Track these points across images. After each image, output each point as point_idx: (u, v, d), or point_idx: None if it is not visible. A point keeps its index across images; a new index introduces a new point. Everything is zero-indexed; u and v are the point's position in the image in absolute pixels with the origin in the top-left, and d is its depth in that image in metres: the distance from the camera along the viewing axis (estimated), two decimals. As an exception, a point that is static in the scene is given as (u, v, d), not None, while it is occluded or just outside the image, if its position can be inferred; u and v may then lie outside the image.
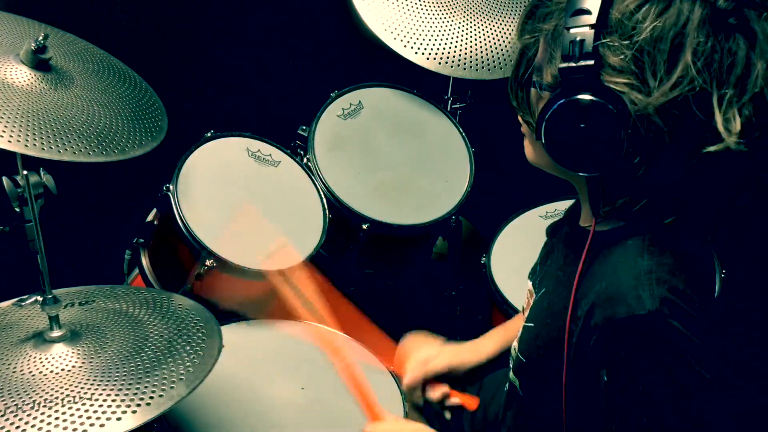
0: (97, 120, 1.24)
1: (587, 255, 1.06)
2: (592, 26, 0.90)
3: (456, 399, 1.45)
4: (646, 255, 1.00)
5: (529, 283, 1.29)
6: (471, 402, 1.45)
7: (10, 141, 1.10)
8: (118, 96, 1.35)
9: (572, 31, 0.92)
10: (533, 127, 1.05)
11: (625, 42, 0.90)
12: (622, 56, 0.90)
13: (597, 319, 0.98)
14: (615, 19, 0.91)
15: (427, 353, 1.46)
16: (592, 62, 0.91)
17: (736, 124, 0.89)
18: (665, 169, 0.95)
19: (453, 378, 1.45)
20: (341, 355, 1.37)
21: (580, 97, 0.92)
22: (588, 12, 0.91)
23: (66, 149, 1.15)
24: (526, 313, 1.25)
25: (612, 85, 0.91)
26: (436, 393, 1.44)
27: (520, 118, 1.12)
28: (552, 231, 1.31)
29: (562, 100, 0.94)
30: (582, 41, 0.91)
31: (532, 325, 1.17)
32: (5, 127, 1.12)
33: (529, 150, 1.13)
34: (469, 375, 1.46)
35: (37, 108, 1.18)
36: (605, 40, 0.91)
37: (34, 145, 1.12)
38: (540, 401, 1.18)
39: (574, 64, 0.92)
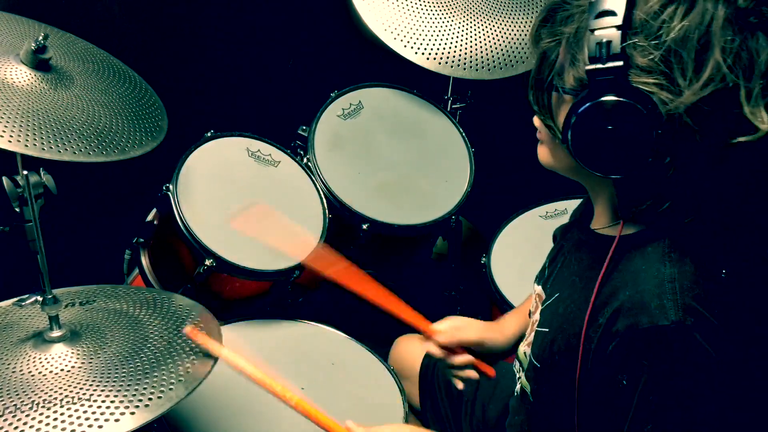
0: (97, 120, 1.24)
1: (608, 262, 1.05)
2: (618, 27, 0.90)
3: (473, 373, 1.47)
4: (668, 263, 1.00)
5: (537, 287, 1.28)
6: (490, 370, 1.48)
7: (10, 141, 1.10)
8: (118, 96, 1.35)
9: (597, 33, 0.91)
10: (554, 131, 1.05)
11: (653, 42, 0.90)
12: (650, 56, 0.90)
13: (619, 326, 0.98)
14: (640, 19, 0.91)
15: (461, 322, 1.48)
16: (620, 63, 0.91)
17: (764, 115, 0.89)
18: (692, 168, 0.95)
19: (475, 352, 1.47)
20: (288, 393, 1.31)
21: (609, 98, 0.92)
22: (613, 13, 0.90)
23: (66, 149, 1.15)
24: (535, 317, 1.24)
25: (641, 86, 0.91)
26: (460, 358, 1.46)
27: (537, 123, 1.11)
28: (561, 235, 1.30)
29: (590, 102, 0.93)
30: (609, 42, 0.91)
31: (546, 330, 1.16)
32: (5, 127, 1.12)
33: (545, 154, 1.12)
34: (487, 354, 1.47)
35: (37, 108, 1.18)
36: (632, 41, 0.91)
37: (34, 145, 1.12)
38: (552, 407, 1.17)
39: (601, 66, 0.91)
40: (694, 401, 0.95)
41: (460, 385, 1.48)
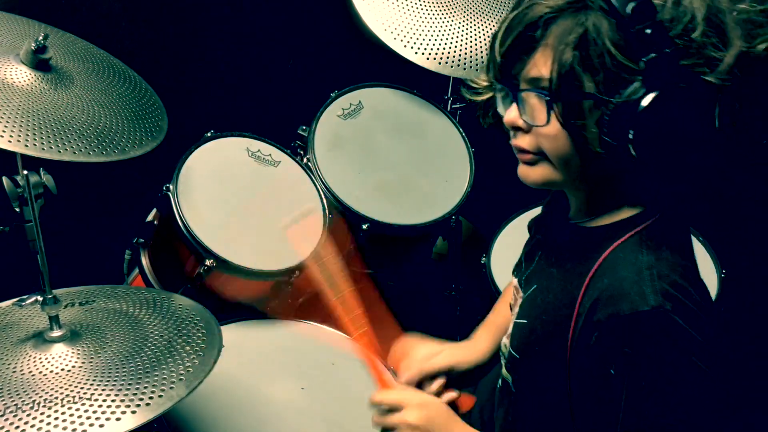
0: (97, 120, 1.24)
1: (582, 253, 1.06)
2: (653, 17, 0.91)
3: (452, 394, 1.44)
4: (645, 250, 1.01)
5: (514, 280, 1.29)
6: (467, 401, 1.44)
7: (10, 141, 1.10)
8: (118, 96, 1.35)
9: (637, 26, 0.91)
10: (586, 139, 0.99)
11: (688, 24, 0.92)
12: (689, 37, 0.92)
13: (600, 315, 0.99)
14: (665, 8, 0.93)
15: (426, 351, 1.45)
16: (670, 49, 0.91)
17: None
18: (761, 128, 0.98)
19: (450, 378, 1.45)
20: (360, 323, 1.36)
21: (668, 85, 0.92)
22: (647, 3, 0.91)
23: (66, 149, 1.15)
24: (515, 310, 1.25)
25: (696, 69, 0.92)
26: (433, 386, 1.42)
27: (526, 143, 1.07)
28: (536, 227, 1.31)
29: (659, 91, 0.92)
30: (654, 32, 0.91)
31: (525, 321, 1.17)
32: (5, 127, 1.12)
33: (545, 172, 1.08)
34: (464, 375, 1.45)
35: (37, 108, 1.18)
36: (668, 27, 0.92)
37: (34, 145, 1.12)
38: (534, 397, 1.18)
39: (654, 55, 0.91)
40: (681, 382, 0.97)
41: None
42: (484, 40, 2.04)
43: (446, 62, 2.00)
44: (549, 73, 0.99)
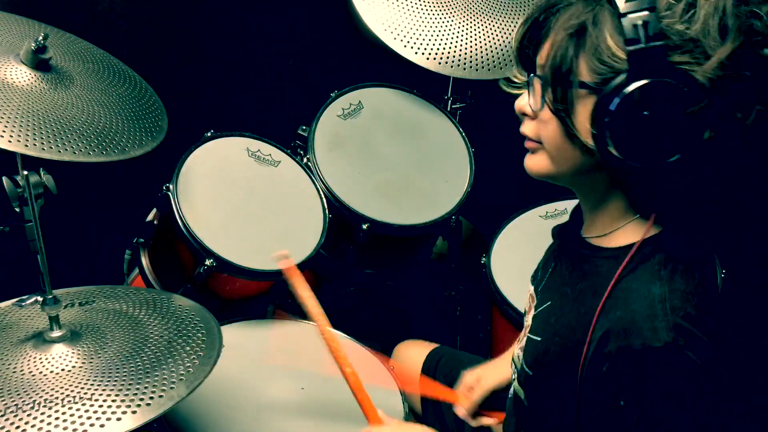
0: (97, 120, 1.24)
1: (599, 278, 1.05)
2: (649, 9, 0.89)
3: (491, 420, 1.50)
4: (657, 282, 0.99)
5: (531, 288, 1.28)
6: (500, 416, 1.49)
7: (10, 141, 1.10)
8: (118, 96, 1.35)
9: (630, 17, 0.90)
10: (570, 131, 1.00)
11: (686, 21, 0.90)
12: (684, 34, 0.90)
13: (611, 347, 0.98)
14: (664, 1, 0.91)
15: (469, 380, 1.52)
16: (661, 42, 0.89)
17: None
18: (731, 148, 0.95)
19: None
20: (346, 359, 1.37)
21: (651, 80, 0.90)
22: None
23: (66, 149, 1.15)
24: (528, 320, 1.24)
25: (683, 66, 0.90)
26: (486, 421, 1.50)
27: (530, 131, 1.07)
28: (557, 235, 1.29)
29: (641, 83, 0.90)
30: (646, 23, 0.89)
31: (539, 339, 1.15)
32: (5, 127, 1.12)
33: (542, 162, 1.08)
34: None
35: (37, 108, 1.18)
36: (664, 22, 0.90)
37: (34, 145, 1.12)
38: (546, 414, 1.17)
39: (642, 46, 0.90)
40: (693, 418, 0.96)
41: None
42: (484, 40, 2.04)
43: (446, 62, 2.00)
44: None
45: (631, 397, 0.97)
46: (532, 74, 1.05)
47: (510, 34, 2.06)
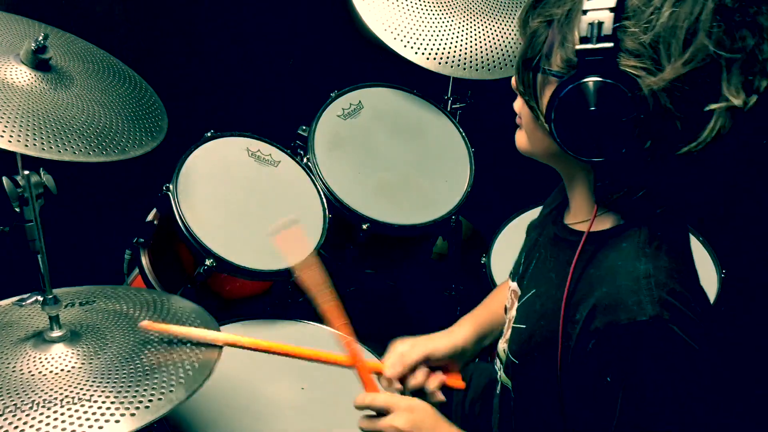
0: (97, 120, 1.24)
1: (580, 256, 1.06)
2: (611, 10, 0.91)
3: (440, 377, 1.41)
4: (643, 258, 1.00)
5: (513, 284, 1.28)
6: (456, 380, 1.42)
7: (10, 141, 1.10)
8: (118, 96, 1.35)
9: (590, 14, 0.92)
10: (537, 113, 1.05)
11: (644, 26, 0.91)
12: (640, 40, 0.91)
13: (598, 323, 0.99)
14: (632, 4, 0.92)
15: (401, 348, 1.44)
16: (611, 45, 0.91)
17: (741, 88, 0.91)
18: (671, 155, 0.96)
19: (433, 367, 1.42)
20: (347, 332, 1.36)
21: (595, 79, 0.92)
22: None
23: (66, 149, 1.15)
24: (512, 313, 1.24)
25: (628, 69, 0.92)
26: (417, 378, 1.40)
27: (518, 107, 1.11)
28: (536, 229, 1.30)
29: (578, 81, 0.93)
30: (601, 24, 0.91)
31: (523, 326, 1.17)
32: (5, 127, 1.11)
33: (523, 139, 1.13)
34: (447, 362, 1.42)
35: (37, 108, 1.18)
36: (623, 24, 0.92)
37: (34, 145, 1.12)
38: (534, 403, 1.18)
39: (592, 46, 0.92)
40: (680, 393, 0.96)
41: (441, 397, 1.42)
42: (484, 40, 2.04)
43: (446, 62, 2.00)
44: None
45: (617, 374, 0.97)
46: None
47: (510, 34, 2.06)
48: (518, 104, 1.12)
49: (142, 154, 1.26)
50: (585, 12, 0.92)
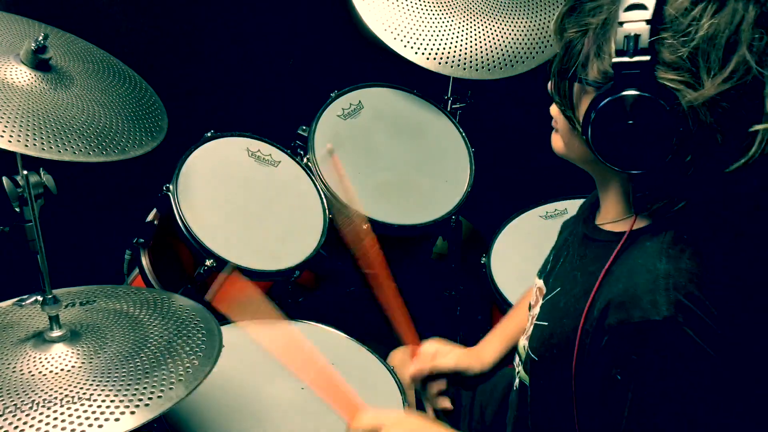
0: (97, 120, 1.24)
1: (604, 254, 1.05)
2: (648, 22, 0.90)
3: (447, 404, 1.45)
4: (664, 258, 0.99)
5: (539, 281, 1.28)
6: (448, 406, 1.46)
7: (10, 141, 1.10)
8: (118, 96, 1.35)
9: (626, 26, 0.91)
10: (573, 122, 1.04)
11: (682, 39, 0.90)
12: (678, 53, 0.90)
13: (611, 320, 0.98)
14: (670, 15, 0.90)
15: (436, 348, 1.46)
16: (647, 58, 0.90)
17: None
18: (711, 169, 0.95)
19: (453, 380, 1.45)
20: (310, 363, 1.34)
21: (633, 92, 0.91)
22: (644, 7, 0.90)
23: (66, 149, 1.15)
24: (535, 311, 1.24)
25: (666, 82, 0.91)
26: (434, 387, 1.44)
27: (555, 112, 1.11)
28: (568, 229, 1.30)
29: (614, 96, 0.93)
30: (638, 36, 0.90)
31: (546, 324, 1.16)
32: (5, 127, 1.12)
33: (558, 143, 1.12)
34: (469, 380, 1.45)
35: (37, 108, 1.18)
36: (661, 36, 0.90)
37: (34, 145, 1.12)
38: (552, 400, 1.17)
39: (629, 59, 0.91)
40: (688, 397, 0.95)
41: (449, 405, 1.47)
42: (484, 40, 2.04)
43: (446, 62, 2.00)
44: None
45: (627, 372, 0.97)
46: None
47: (510, 34, 2.06)
48: (555, 110, 1.11)
49: (142, 154, 1.26)
50: (621, 24, 0.91)
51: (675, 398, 0.95)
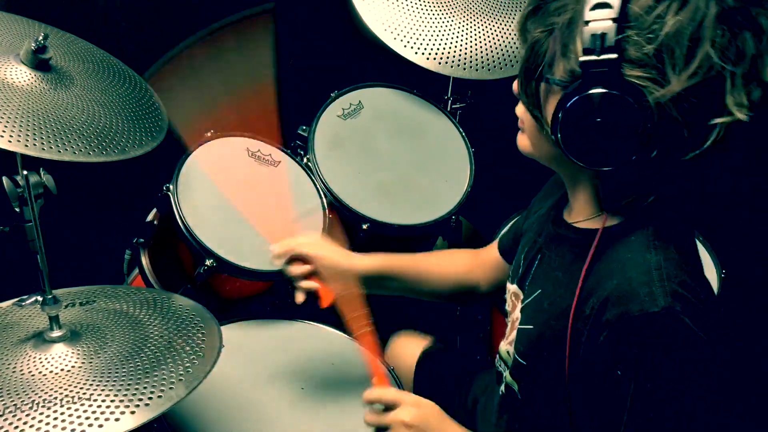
0: (97, 120, 1.24)
1: (586, 253, 1.06)
2: (613, 20, 0.91)
3: (314, 284, 1.43)
4: (653, 250, 1.01)
5: (513, 286, 1.28)
6: (327, 294, 1.42)
7: (10, 141, 1.10)
8: (118, 96, 1.35)
9: (592, 25, 0.92)
10: (541, 122, 1.05)
11: (647, 36, 0.91)
12: (644, 50, 0.91)
13: (609, 315, 0.99)
14: (634, 13, 0.91)
15: (305, 238, 1.45)
16: (615, 56, 0.91)
17: (744, 101, 0.92)
18: (677, 163, 0.96)
19: (323, 276, 1.43)
20: (363, 322, 1.35)
21: (602, 90, 0.92)
22: (609, 6, 0.91)
23: (66, 149, 1.15)
24: (514, 315, 1.24)
25: (633, 79, 0.92)
26: (298, 269, 1.42)
27: (520, 112, 1.12)
28: (534, 231, 1.30)
29: (583, 93, 0.94)
30: (604, 35, 0.91)
31: (531, 327, 1.16)
32: (5, 127, 1.11)
33: (525, 142, 1.13)
34: (333, 276, 1.42)
35: (37, 108, 1.18)
36: (626, 35, 0.92)
37: (34, 145, 1.12)
38: (542, 403, 1.17)
39: (596, 57, 0.92)
40: (690, 385, 0.96)
41: (300, 298, 1.44)
42: (484, 40, 2.04)
43: (446, 62, 2.00)
44: None
45: (628, 366, 0.97)
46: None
47: (510, 34, 2.06)
48: (520, 109, 1.12)
49: (142, 154, 1.26)
50: (587, 23, 0.92)
51: (676, 386, 0.96)
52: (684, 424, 0.97)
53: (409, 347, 1.74)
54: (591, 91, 0.93)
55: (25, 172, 1.17)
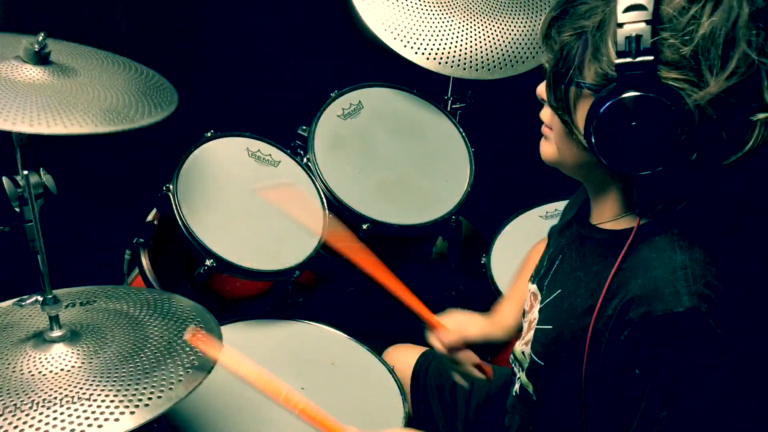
0: (102, 98, 1.21)
1: (610, 253, 1.05)
2: (648, 22, 0.90)
3: (478, 363, 1.47)
4: (678, 250, 1.00)
5: (533, 287, 1.27)
6: (489, 369, 1.48)
7: (14, 123, 1.07)
8: (124, 79, 1.30)
9: (626, 27, 0.90)
10: (571, 127, 1.03)
11: (683, 38, 0.90)
12: (680, 52, 0.90)
13: (632, 315, 0.98)
14: (668, 15, 0.90)
15: (463, 318, 1.47)
16: (651, 58, 0.90)
17: None
18: (716, 167, 0.95)
19: (475, 348, 1.46)
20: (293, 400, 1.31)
21: (638, 93, 0.91)
22: (643, 8, 0.90)
23: (72, 123, 1.11)
24: (533, 315, 1.23)
25: (670, 81, 0.91)
26: (465, 356, 1.46)
27: (546, 117, 1.09)
28: (558, 233, 1.29)
29: (619, 97, 0.92)
30: (639, 37, 0.90)
31: (549, 327, 1.15)
32: (9, 110, 1.09)
33: (550, 150, 1.11)
34: (494, 347, 1.49)
35: (41, 94, 1.15)
36: (661, 36, 0.90)
37: (39, 123, 1.09)
38: (560, 404, 1.16)
39: (631, 60, 0.90)
40: (708, 386, 0.95)
41: (462, 382, 1.48)
42: (484, 40, 2.04)
43: (446, 62, 2.00)
44: None
45: (647, 366, 0.96)
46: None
47: (510, 34, 2.06)
48: (546, 115, 1.10)
49: (151, 124, 1.21)
50: (620, 25, 0.91)
51: (695, 386, 0.95)
52: (694, 428, 0.96)
53: (404, 357, 1.74)
54: (627, 94, 0.91)
55: (25, 172, 1.17)
